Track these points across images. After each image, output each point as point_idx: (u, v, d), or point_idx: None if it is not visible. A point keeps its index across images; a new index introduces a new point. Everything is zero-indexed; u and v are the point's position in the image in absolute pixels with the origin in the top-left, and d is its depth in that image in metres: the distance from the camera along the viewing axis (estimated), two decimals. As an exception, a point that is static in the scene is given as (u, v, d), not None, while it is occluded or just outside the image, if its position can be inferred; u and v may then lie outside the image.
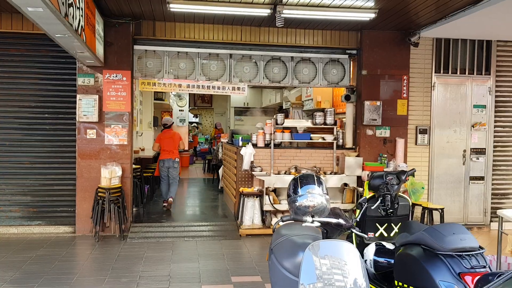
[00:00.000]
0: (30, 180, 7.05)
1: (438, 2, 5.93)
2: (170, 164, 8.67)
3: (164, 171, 8.77)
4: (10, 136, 6.99)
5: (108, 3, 6.27)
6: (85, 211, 6.90)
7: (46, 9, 3.79)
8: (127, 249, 6.22)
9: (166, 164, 8.69)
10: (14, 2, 3.65)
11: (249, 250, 6.33)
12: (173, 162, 8.67)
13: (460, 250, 2.78)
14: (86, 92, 6.90)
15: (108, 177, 6.66)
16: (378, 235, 4.10)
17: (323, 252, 2.48)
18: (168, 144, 8.68)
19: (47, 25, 4.40)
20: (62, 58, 6.92)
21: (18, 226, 6.98)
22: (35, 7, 3.76)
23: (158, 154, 9.18)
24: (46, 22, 4.27)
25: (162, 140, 8.76)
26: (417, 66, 7.69)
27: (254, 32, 7.41)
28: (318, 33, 7.57)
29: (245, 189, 7.34)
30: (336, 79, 7.80)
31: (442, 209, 6.53)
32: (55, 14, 3.99)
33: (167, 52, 7.33)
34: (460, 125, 7.82)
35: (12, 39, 6.92)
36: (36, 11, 3.88)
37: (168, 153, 8.67)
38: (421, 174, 7.60)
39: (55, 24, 4.35)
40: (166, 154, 8.69)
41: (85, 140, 6.92)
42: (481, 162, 7.86)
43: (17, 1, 3.65)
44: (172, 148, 8.70)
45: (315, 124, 7.71)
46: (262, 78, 7.62)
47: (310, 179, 3.01)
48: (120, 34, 6.96)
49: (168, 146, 8.68)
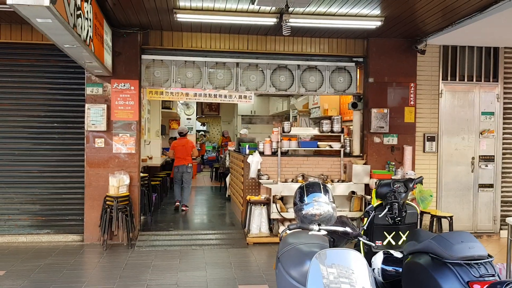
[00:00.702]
0: (39, 189, 7.10)
1: (444, 10, 5.93)
2: (183, 169, 9.42)
3: (178, 175, 9.51)
4: (19, 146, 7.06)
5: (116, 14, 6.34)
6: (93, 220, 6.94)
7: (55, 20, 3.85)
8: (134, 258, 6.23)
9: (180, 170, 9.45)
10: (23, 14, 3.71)
11: (256, 259, 6.31)
12: (186, 168, 9.42)
13: (468, 258, 2.75)
14: (95, 102, 6.96)
15: (116, 185, 6.69)
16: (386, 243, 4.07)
17: (330, 261, 2.47)
18: (182, 151, 9.40)
19: (56, 35, 4.46)
20: (71, 68, 7.00)
21: (27, 234, 7.02)
22: (44, 18, 3.82)
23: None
24: (55, 33, 4.33)
25: (176, 147, 9.49)
26: (424, 74, 7.67)
27: (261, 40, 7.45)
28: (324, 41, 7.59)
29: (252, 197, 7.33)
30: (343, 87, 7.81)
31: (451, 217, 6.48)
32: (64, 25, 4.04)
33: (175, 61, 7.39)
34: (468, 132, 7.78)
35: (21, 50, 7.01)
36: (45, 22, 3.94)
37: (182, 159, 9.43)
38: (429, 182, 7.56)
39: (63, 35, 4.41)
40: (179, 160, 9.45)
41: (94, 149, 6.97)
42: (490, 169, 7.80)
43: (27, 13, 3.70)
44: (185, 155, 9.42)
45: (322, 132, 7.71)
46: (268, 87, 7.64)
47: (316, 187, 3.01)
48: (128, 44, 7.03)
49: (182, 153, 9.41)
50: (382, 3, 5.80)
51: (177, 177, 9.55)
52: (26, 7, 3.50)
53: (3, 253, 6.36)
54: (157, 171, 10.59)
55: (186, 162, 9.43)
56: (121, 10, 6.13)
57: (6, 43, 6.88)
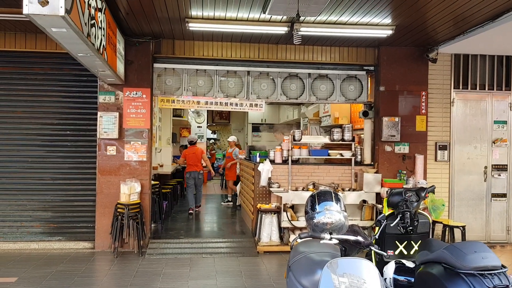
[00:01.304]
0: (51, 196, 7.17)
1: (456, 19, 5.92)
2: (195, 175, 10.08)
3: (190, 181, 10.11)
4: (32, 153, 7.15)
5: (129, 23, 6.42)
6: (104, 227, 6.98)
7: (70, 29, 3.92)
8: (145, 265, 6.25)
9: (192, 175, 10.09)
10: (39, 24, 3.78)
11: (266, 267, 6.29)
12: (198, 174, 10.09)
13: (482, 268, 2.72)
14: (107, 110, 7.04)
15: (127, 193, 6.73)
16: (397, 253, 4.04)
17: (341, 270, 2.46)
18: (193, 159, 10.03)
19: (70, 44, 4.54)
20: (84, 76, 7.09)
21: (38, 241, 7.08)
22: (59, 28, 3.89)
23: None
24: (69, 42, 4.40)
25: (187, 155, 10.13)
26: (436, 82, 7.64)
27: (272, 49, 7.49)
28: (335, 50, 7.61)
29: (262, 206, 7.32)
30: (354, 95, 7.80)
31: (464, 226, 6.41)
32: (78, 34, 4.11)
33: (186, 70, 7.45)
34: (481, 141, 7.71)
35: (36, 58, 7.12)
36: (60, 32, 4.01)
37: (193, 166, 10.07)
38: (441, 191, 7.49)
39: (78, 44, 4.48)
40: (191, 167, 10.09)
41: (105, 157, 7.03)
42: (503, 178, 7.71)
43: (42, 23, 3.77)
44: (196, 162, 10.06)
45: (333, 140, 7.70)
46: (279, 95, 7.66)
47: (328, 195, 3.00)
48: (141, 53, 7.11)
49: (193, 161, 10.04)
50: (393, 12, 5.81)
51: (190, 182, 10.13)
52: (42, 17, 3.56)
53: (15, 260, 6.42)
54: (167, 179, 10.64)
55: (198, 169, 10.06)
56: (134, 19, 6.21)
57: (21, 52, 7.01)
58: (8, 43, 6.96)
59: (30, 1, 3.41)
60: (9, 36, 6.95)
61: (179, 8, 5.76)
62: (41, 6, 3.37)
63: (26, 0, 3.41)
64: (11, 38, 6.96)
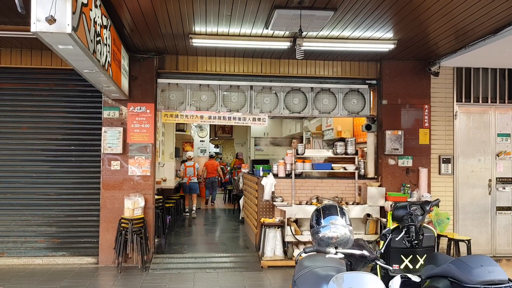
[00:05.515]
0: (55, 211, 7.17)
1: (457, 33, 5.97)
2: (213, 179, 14.10)
3: (208, 184, 14.26)
4: (37, 168, 7.18)
5: (134, 39, 6.50)
6: (108, 242, 6.97)
7: (76, 46, 3.97)
8: (149, 281, 6.22)
9: (210, 180, 14.10)
10: (46, 41, 3.84)
11: (271, 282, 6.25)
12: (214, 179, 14.13)
13: (488, 282, 2.71)
14: (111, 125, 7.08)
15: (131, 207, 6.74)
16: (403, 267, 4.03)
17: (347, 285, 2.45)
18: (211, 168, 14.00)
19: (76, 61, 4.59)
20: (88, 92, 7.15)
21: (43, 257, 7.07)
22: (66, 45, 3.94)
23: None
24: (75, 58, 4.46)
25: (207, 166, 14.02)
26: (438, 95, 7.67)
27: (274, 64, 7.55)
28: (337, 64, 7.66)
29: (266, 220, 7.30)
30: (357, 109, 7.83)
31: (469, 240, 6.38)
32: (84, 51, 4.16)
33: (190, 85, 7.51)
34: (484, 154, 7.71)
35: (41, 74, 7.20)
36: (67, 49, 4.07)
37: (211, 173, 13.98)
38: (445, 204, 7.47)
39: (83, 61, 4.53)
40: (210, 174, 13.95)
41: (109, 172, 7.05)
42: (507, 191, 7.68)
43: (49, 40, 3.83)
44: (213, 170, 14.01)
45: (336, 154, 7.71)
46: (282, 109, 7.70)
47: (333, 209, 3.01)
48: (145, 68, 7.18)
49: (211, 170, 14.00)
50: (395, 27, 5.86)
51: (209, 185, 14.29)
52: (49, 34, 3.62)
53: (19, 275, 6.40)
54: (171, 193, 10.63)
55: (214, 175, 14.00)
56: (138, 35, 6.29)
57: (27, 68, 7.08)
58: (14, 60, 7.04)
59: (38, 19, 3.46)
60: (15, 53, 7.03)
61: (183, 24, 5.83)
62: (49, 24, 3.42)
63: (34, 18, 3.46)
64: (17, 55, 7.04)
